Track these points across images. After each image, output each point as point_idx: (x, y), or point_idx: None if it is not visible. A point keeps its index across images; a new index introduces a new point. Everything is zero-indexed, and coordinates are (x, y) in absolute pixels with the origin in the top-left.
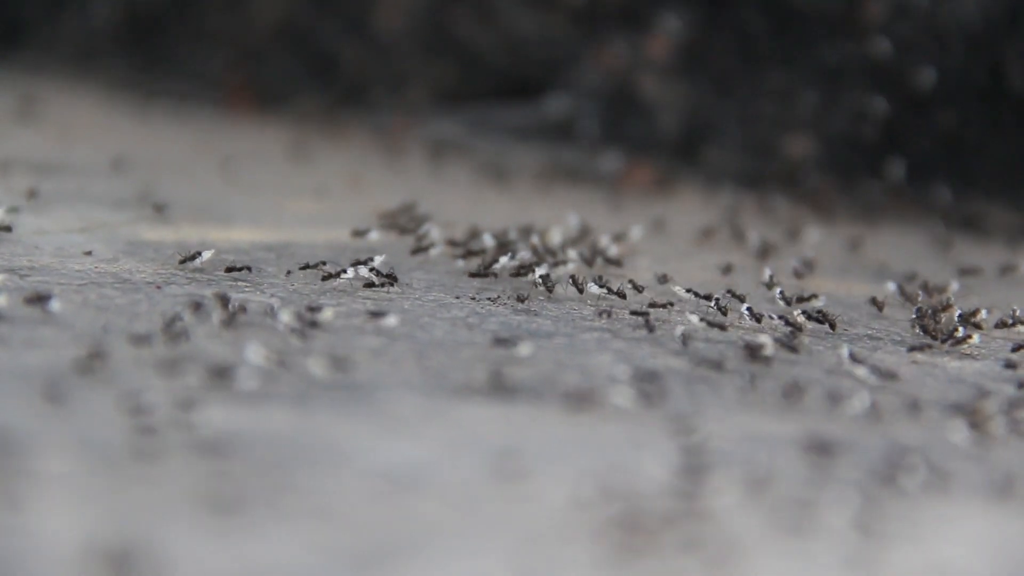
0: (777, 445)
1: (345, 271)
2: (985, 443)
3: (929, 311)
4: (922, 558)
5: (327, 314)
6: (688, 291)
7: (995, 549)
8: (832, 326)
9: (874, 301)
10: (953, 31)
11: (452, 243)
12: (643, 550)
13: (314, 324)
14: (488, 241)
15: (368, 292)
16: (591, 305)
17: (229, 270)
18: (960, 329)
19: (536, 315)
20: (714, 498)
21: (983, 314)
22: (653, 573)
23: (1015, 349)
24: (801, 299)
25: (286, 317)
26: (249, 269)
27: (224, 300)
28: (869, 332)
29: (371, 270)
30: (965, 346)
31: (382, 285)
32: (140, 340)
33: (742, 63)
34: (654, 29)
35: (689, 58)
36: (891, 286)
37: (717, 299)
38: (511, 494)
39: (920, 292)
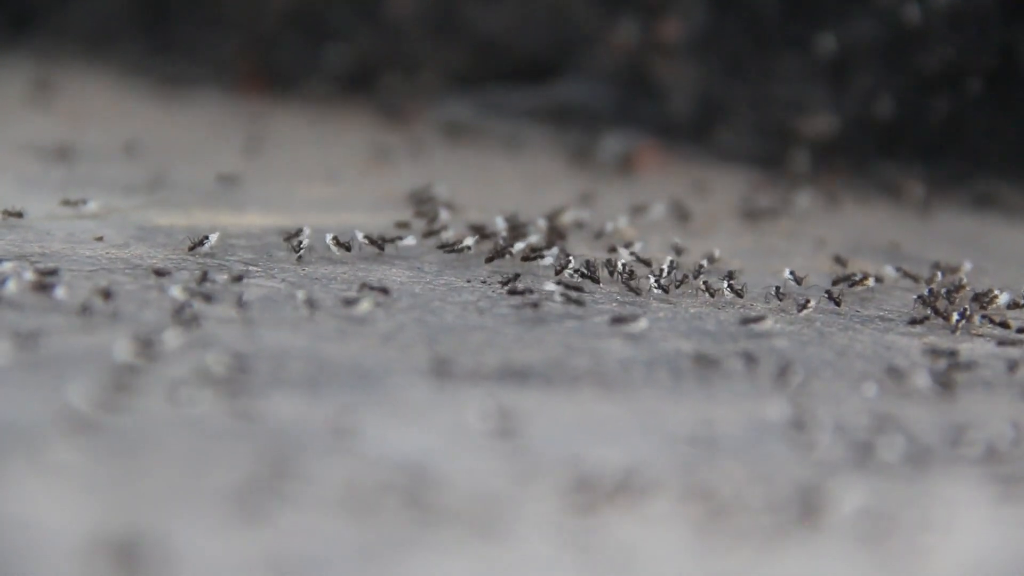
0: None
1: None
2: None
3: (941, 291)
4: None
5: (364, 306)
6: (631, 254)
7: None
8: (838, 304)
9: (838, 259)
10: (965, 12)
11: (473, 228)
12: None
13: (312, 305)
14: (500, 224)
15: (379, 276)
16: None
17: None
18: (976, 317)
19: (548, 298)
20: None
21: (997, 294)
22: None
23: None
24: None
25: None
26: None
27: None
28: (881, 313)
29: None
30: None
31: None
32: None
33: (754, 45)
34: (668, 11)
35: (701, 40)
36: (889, 269)
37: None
38: (521, 481)
39: (938, 272)
